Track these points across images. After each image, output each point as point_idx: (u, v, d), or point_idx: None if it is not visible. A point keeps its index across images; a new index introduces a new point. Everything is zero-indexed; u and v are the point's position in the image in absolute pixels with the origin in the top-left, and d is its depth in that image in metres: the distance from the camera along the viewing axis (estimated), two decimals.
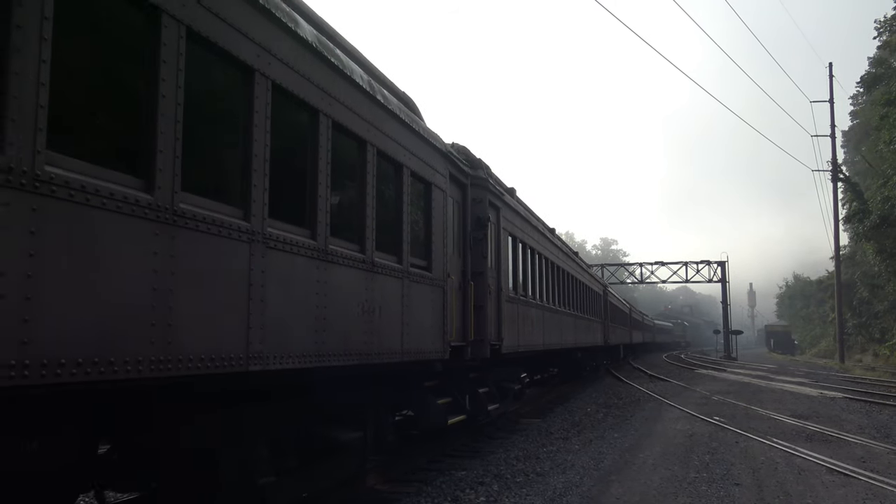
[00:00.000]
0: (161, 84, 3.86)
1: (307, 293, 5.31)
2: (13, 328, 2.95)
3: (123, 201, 3.53)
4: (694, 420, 13.71)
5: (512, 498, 7.22)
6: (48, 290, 3.12)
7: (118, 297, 3.52)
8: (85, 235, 3.33)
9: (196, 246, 4.09)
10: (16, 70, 2.97)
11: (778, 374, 31.95)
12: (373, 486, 7.66)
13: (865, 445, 10.50)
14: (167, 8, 3.84)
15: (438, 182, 8.40)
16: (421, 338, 7.61)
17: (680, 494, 7.30)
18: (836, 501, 7.06)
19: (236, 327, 4.43)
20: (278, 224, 4.93)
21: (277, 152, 4.92)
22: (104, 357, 3.39)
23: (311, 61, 5.40)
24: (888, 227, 36.19)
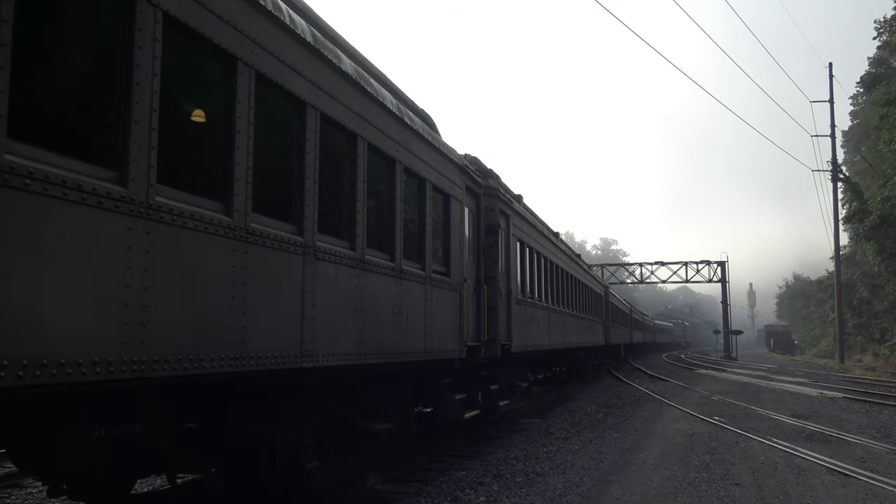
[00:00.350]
0: (237, 122, 4.50)
1: (348, 298, 5.96)
2: (131, 327, 3.59)
3: (210, 223, 4.18)
4: (694, 420, 13.71)
5: (512, 498, 7.22)
6: (158, 299, 3.76)
7: (207, 304, 4.16)
8: (184, 253, 4.01)
9: (263, 259, 4.72)
10: (136, 119, 3.64)
11: (778, 374, 31.95)
12: (373, 486, 7.66)
13: (865, 445, 10.50)
14: (242, 56, 4.52)
15: (456, 194, 9.05)
16: (441, 338, 8.22)
17: (680, 494, 7.30)
18: (836, 501, 7.06)
19: (293, 329, 5.07)
20: (325, 238, 5.56)
21: (324, 175, 5.54)
22: (197, 354, 4.05)
23: (352, 92, 6.06)
24: (888, 227, 36.20)
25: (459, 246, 9.11)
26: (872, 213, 37.55)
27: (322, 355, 5.43)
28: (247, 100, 4.55)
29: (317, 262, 5.40)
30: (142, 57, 3.70)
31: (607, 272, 57.49)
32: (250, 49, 4.61)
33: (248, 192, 4.53)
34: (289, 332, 5.02)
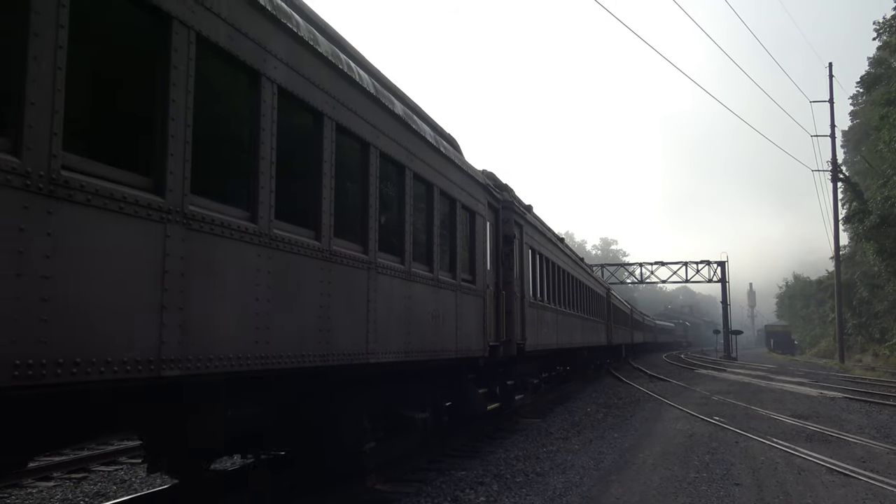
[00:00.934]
0: (324, 166, 5.64)
1: (399, 305, 6.99)
2: (261, 331, 4.68)
3: (307, 248, 5.30)
4: (694, 420, 13.71)
5: (512, 498, 7.21)
6: (277, 308, 4.84)
7: (306, 313, 5.27)
8: (291, 273, 5.08)
9: (341, 275, 5.79)
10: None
11: (778, 374, 31.95)
12: (373, 486, 7.66)
13: (865, 445, 10.50)
14: (326, 111, 5.61)
15: (479, 210, 10.13)
16: (468, 338, 9.25)
17: (680, 494, 7.30)
18: (836, 501, 7.06)
19: (361, 331, 6.16)
20: (382, 255, 6.58)
21: (381, 202, 6.64)
22: (299, 352, 5.13)
23: (402, 131, 7.15)
24: (888, 227, 36.20)
25: (482, 256, 10.18)
26: (872, 213, 37.55)
27: (381, 353, 6.51)
28: (330, 147, 5.69)
29: (377, 276, 6.50)
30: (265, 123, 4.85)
31: (607, 272, 57.49)
32: (332, 105, 5.71)
33: (332, 221, 5.66)
34: (358, 334, 6.13)
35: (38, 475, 8.31)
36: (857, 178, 48.02)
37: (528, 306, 12.87)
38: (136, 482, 8.30)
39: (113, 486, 8.10)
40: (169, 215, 3.85)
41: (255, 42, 4.64)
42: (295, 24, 5.16)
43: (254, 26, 4.62)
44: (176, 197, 3.92)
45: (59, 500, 7.49)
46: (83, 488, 7.96)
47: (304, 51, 5.25)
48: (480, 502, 7.10)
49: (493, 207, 11.01)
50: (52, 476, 8.41)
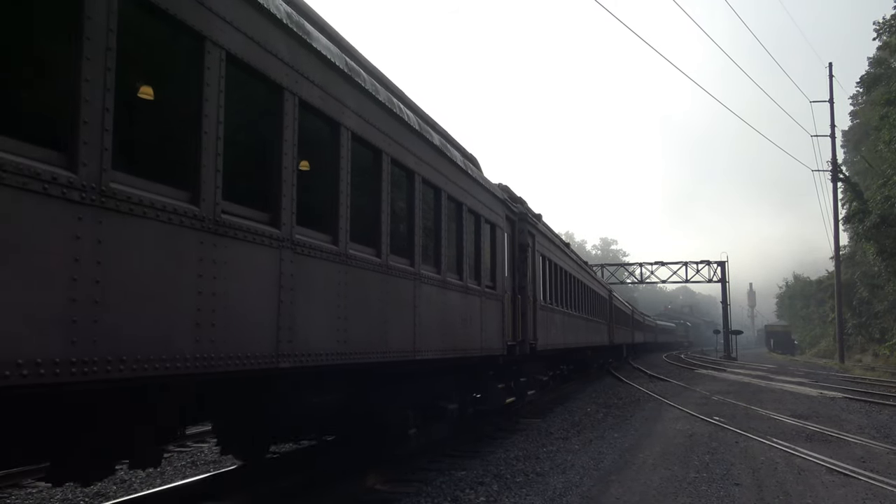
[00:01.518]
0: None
1: (437, 309, 8.11)
2: (341, 332, 5.83)
3: (373, 264, 6.46)
4: (694, 420, 13.71)
5: (512, 498, 7.21)
6: (353, 314, 6.02)
7: (372, 316, 6.46)
8: (364, 285, 6.26)
9: (395, 285, 6.94)
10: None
11: (778, 374, 31.95)
12: (373, 486, 7.66)
13: (865, 445, 10.50)
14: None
15: (499, 223, 11.31)
16: (490, 338, 10.34)
17: (680, 494, 7.30)
18: (836, 501, 7.06)
19: (409, 332, 7.29)
20: (425, 266, 7.78)
21: (423, 220, 7.74)
22: (366, 349, 6.29)
23: (439, 160, 8.38)
24: (888, 226, 36.20)
25: (502, 264, 11.31)
26: (872, 213, 37.55)
27: (424, 351, 7.65)
28: (388, 178, 6.79)
29: (421, 285, 7.64)
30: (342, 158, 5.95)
31: (607, 272, 57.49)
32: (388, 143, 6.90)
33: (388, 240, 6.76)
34: (407, 335, 7.23)
35: (37, 475, 8.30)
36: (857, 178, 48.01)
37: (539, 309, 13.96)
38: (136, 482, 8.30)
39: (113, 486, 8.10)
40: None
41: (336, 99, 5.85)
42: (363, 79, 6.33)
43: (335, 87, 5.82)
44: (287, 229, 5.09)
45: (59, 500, 7.49)
46: (83, 488, 7.95)
47: (371, 103, 6.47)
48: (480, 502, 7.10)
49: (510, 220, 12.21)
50: None
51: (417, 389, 8.41)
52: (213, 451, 10.35)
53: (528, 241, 13.04)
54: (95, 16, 3.41)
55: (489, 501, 7.12)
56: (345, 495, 7.15)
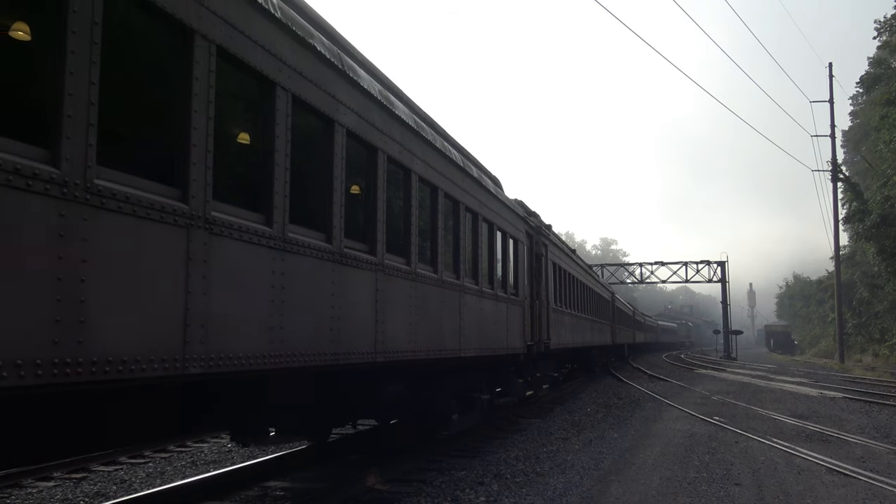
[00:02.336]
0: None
1: (476, 314, 9.71)
2: (411, 334, 7.37)
3: (432, 280, 8.05)
4: (694, 420, 13.72)
5: (512, 498, 7.21)
6: (420, 319, 7.57)
7: (432, 321, 8.03)
8: (427, 297, 7.84)
9: (445, 296, 8.50)
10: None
11: (777, 374, 31.95)
12: (373, 486, 7.66)
13: (865, 445, 10.50)
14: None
15: (520, 237, 12.88)
16: (514, 339, 11.90)
17: (680, 494, 7.30)
18: (836, 501, 7.06)
19: (456, 334, 8.88)
20: (466, 279, 9.39)
21: (467, 240, 9.47)
22: (428, 347, 7.86)
23: (475, 187, 9.93)
24: (888, 226, 36.20)
25: (523, 273, 12.90)
26: (872, 213, 37.55)
27: (467, 349, 9.22)
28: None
29: (464, 295, 9.27)
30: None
31: (607, 272, 57.49)
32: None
33: (442, 258, 8.39)
34: (454, 336, 8.80)
35: (38, 475, 8.30)
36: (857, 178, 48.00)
37: (551, 312, 15.55)
38: (136, 482, 8.30)
39: (113, 486, 8.10)
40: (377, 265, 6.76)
41: (409, 151, 7.44)
42: (428, 133, 7.97)
43: (409, 142, 7.38)
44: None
45: (59, 500, 7.48)
46: (83, 488, 7.95)
47: (432, 150, 8.13)
48: (480, 502, 7.10)
49: (528, 234, 13.80)
50: (52, 476, 8.40)
51: (458, 382, 10.03)
52: (212, 451, 10.35)
53: (542, 251, 14.83)
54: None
55: (489, 501, 7.12)
56: (345, 495, 7.15)
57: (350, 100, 6.02)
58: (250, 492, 7.58)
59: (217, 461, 9.55)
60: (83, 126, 3.32)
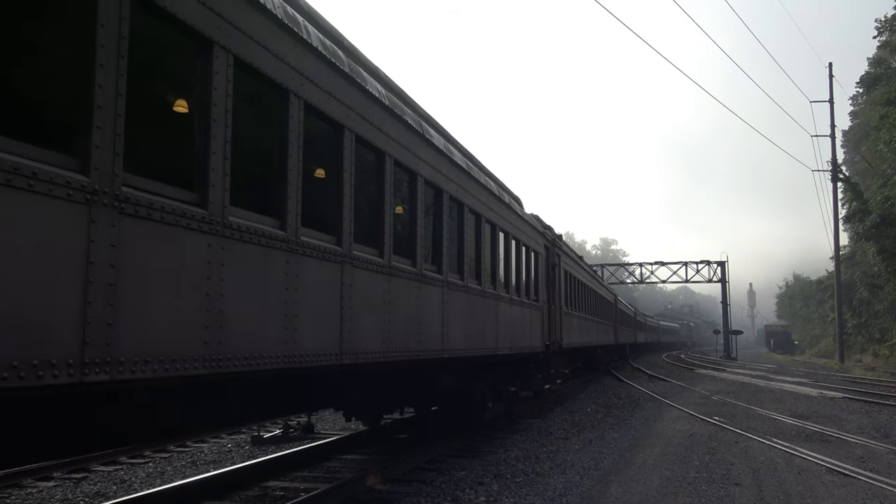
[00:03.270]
0: (499, 247, 11.12)
1: (508, 318, 11.48)
2: (464, 335, 9.11)
3: (479, 292, 9.83)
4: (694, 420, 13.72)
5: (512, 498, 7.21)
6: (461, 322, 8.98)
7: (476, 323, 9.67)
8: (473, 305, 9.52)
9: (488, 304, 10.29)
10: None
11: (777, 374, 31.96)
12: (373, 486, 7.66)
13: (865, 445, 10.50)
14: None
15: (539, 250, 14.64)
16: (535, 339, 13.74)
17: (680, 494, 7.30)
18: (836, 501, 7.06)
19: (493, 335, 10.59)
20: (502, 290, 11.17)
21: (501, 257, 11.24)
22: (471, 345, 9.35)
23: (502, 209, 11.45)
24: (888, 226, 36.19)
25: (541, 281, 14.74)
26: (872, 212, 37.54)
27: (502, 347, 11.02)
28: (498, 240, 11.06)
29: (500, 303, 11.04)
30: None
31: (607, 272, 57.47)
32: (498, 217, 11.19)
33: (484, 274, 10.10)
34: (492, 336, 10.54)
35: (38, 475, 8.31)
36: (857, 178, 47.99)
37: (563, 315, 17.25)
38: (136, 482, 8.30)
39: (113, 486, 8.10)
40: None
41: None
42: (477, 174, 10.03)
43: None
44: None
45: (59, 500, 7.49)
46: (83, 488, 7.96)
47: (474, 184, 9.83)
48: (480, 502, 7.10)
49: (545, 246, 15.59)
50: (52, 476, 8.41)
51: (492, 376, 11.67)
52: (212, 450, 10.36)
53: (556, 260, 16.75)
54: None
55: (489, 501, 7.12)
56: (345, 495, 7.15)
57: (426, 155, 7.92)
58: (250, 492, 7.58)
59: (217, 461, 9.55)
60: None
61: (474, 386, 10.65)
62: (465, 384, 10.30)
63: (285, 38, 5.01)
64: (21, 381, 2.93)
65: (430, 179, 7.90)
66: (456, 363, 9.25)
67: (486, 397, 11.31)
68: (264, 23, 4.75)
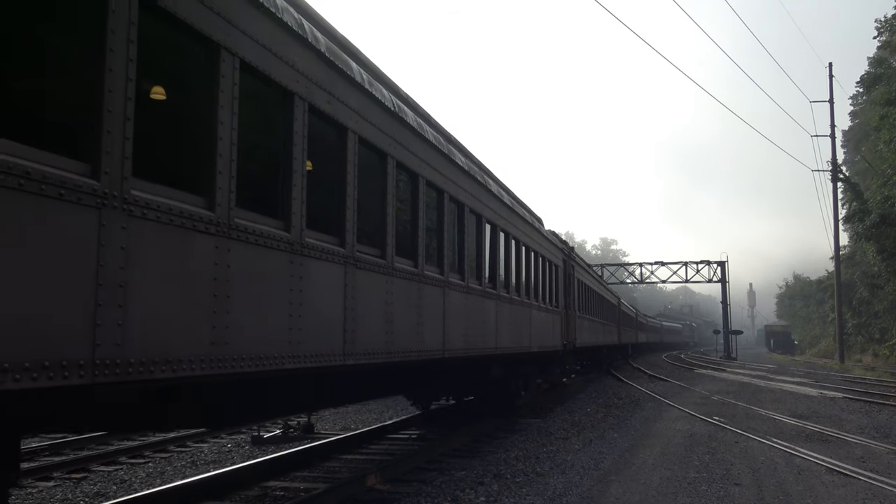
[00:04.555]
0: (531, 266, 14.16)
1: (538, 322, 13.90)
2: (509, 335, 11.83)
3: (525, 304, 13.00)
4: (693, 420, 13.72)
5: (512, 498, 7.21)
6: (505, 325, 11.58)
7: (517, 325, 12.41)
8: (516, 312, 12.31)
9: (525, 311, 12.95)
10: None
11: (777, 374, 31.95)
12: (373, 486, 7.66)
13: (865, 445, 10.50)
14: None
15: (557, 263, 17.12)
16: (555, 339, 16.45)
17: (680, 494, 7.30)
18: (836, 501, 7.06)
19: (527, 335, 13.14)
20: (532, 299, 13.60)
21: (531, 272, 13.66)
22: (516, 345, 12.30)
23: (536, 234, 14.01)
24: (888, 226, 36.17)
25: (560, 290, 17.34)
26: (872, 212, 37.52)
27: (533, 346, 13.54)
28: (529, 258, 13.46)
29: (532, 310, 13.44)
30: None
31: (607, 272, 57.45)
32: (530, 241, 13.76)
33: (520, 287, 12.48)
34: (525, 336, 12.89)
35: (38, 475, 8.31)
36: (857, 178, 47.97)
37: (577, 318, 20.08)
38: (136, 482, 8.30)
39: (113, 486, 8.10)
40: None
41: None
42: (511, 202, 12.01)
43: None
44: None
45: (59, 500, 7.49)
46: (83, 488, 7.96)
47: (503, 206, 11.58)
48: (480, 502, 7.10)
49: (563, 259, 18.09)
50: (52, 476, 8.41)
51: (524, 369, 14.27)
52: (212, 450, 10.36)
53: (571, 271, 19.50)
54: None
55: (489, 501, 7.11)
56: (345, 495, 7.15)
57: (475, 191, 10.01)
58: (250, 492, 7.58)
59: (217, 461, 9.55)
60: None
61: (510, 378, 13.20)
62: (506, 376, 12.83)
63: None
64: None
65: (490, 219, 10.66)
66: (503, 359, 11.95)
67: (519, 387, 14.24)
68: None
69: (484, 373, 11.54)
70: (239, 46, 4.46)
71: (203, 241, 4.11)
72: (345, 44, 6.22)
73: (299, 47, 5.16)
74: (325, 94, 5.57)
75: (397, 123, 6.96)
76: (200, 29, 4.14)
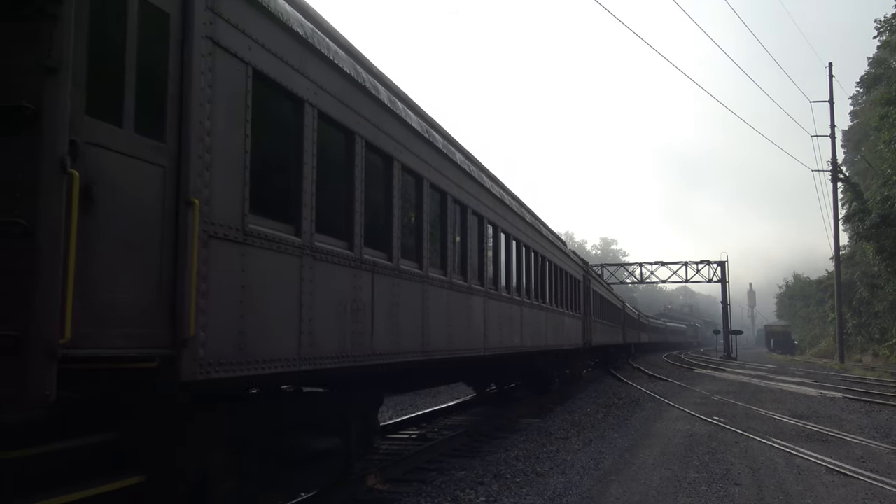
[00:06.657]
0: (556, 279, 17.40)
1: (567, 324, 18.31)
2: (546, 335, 15.63)
3: (555, 311, 16.72)
4: (693, 420, 13.72)
5: (512, 498, 7.21)
6: (551, 329, 16.31)
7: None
8: (551, 317, 16.17)
9: (558, 317, 16.96)
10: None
11: (777, 374, 31.95)
12: (373, 486, 7.66)
13: (865, 445, 10.50)
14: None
15: (578, 277, 20.96)
16: (577, 339, 19.92)
17: (680, 494, 7.30)
18: (836, 501, 7.06)
19: (555, 335, 16.50)
20: (559, 306, 17.30)
21: (557, 286, 16.96)
22: (551, 344, 15.91)
23: (561, 255, 17.86)
24: (888, 226, 36.15)
25: (581, 299, 21.15)
26: (872, 212, 37.50)
27: (564, 344, 17.71)
28: (555, 274, 16.77)
29: (562, 316, 17.35)
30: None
31: (607, 272, 57.44)
32: (556, 259, 17.34)
33: (552, 297, 16.10)
34: (561, 336, 17.15)
35: None
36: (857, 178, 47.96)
37: (592, 321, 23.51)
38: None
39: None
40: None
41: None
42: (540, 226, 15.19)
43: (544, 243, 15.14)
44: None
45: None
46: None
47: (530, 228, 13.75)
48: (480, 502, 7.10)
49: (583, 274, 22.09)
50: None
51: (555, 362, 17.93)
52: None
53: (588, 283, 23.47)
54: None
55: (489, 501, 7.12)
56: (345, 495, 7.15)
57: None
58: None
59: None
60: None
61: (548, 368, 17.19)
62: (545, 367, 16.72)
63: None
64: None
65: (536, 250, 14.18)
66: (545, 354, 15.63)
67: (553, 375, 18.30)
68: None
69: (530, 364, 15.29)
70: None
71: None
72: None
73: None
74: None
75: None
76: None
